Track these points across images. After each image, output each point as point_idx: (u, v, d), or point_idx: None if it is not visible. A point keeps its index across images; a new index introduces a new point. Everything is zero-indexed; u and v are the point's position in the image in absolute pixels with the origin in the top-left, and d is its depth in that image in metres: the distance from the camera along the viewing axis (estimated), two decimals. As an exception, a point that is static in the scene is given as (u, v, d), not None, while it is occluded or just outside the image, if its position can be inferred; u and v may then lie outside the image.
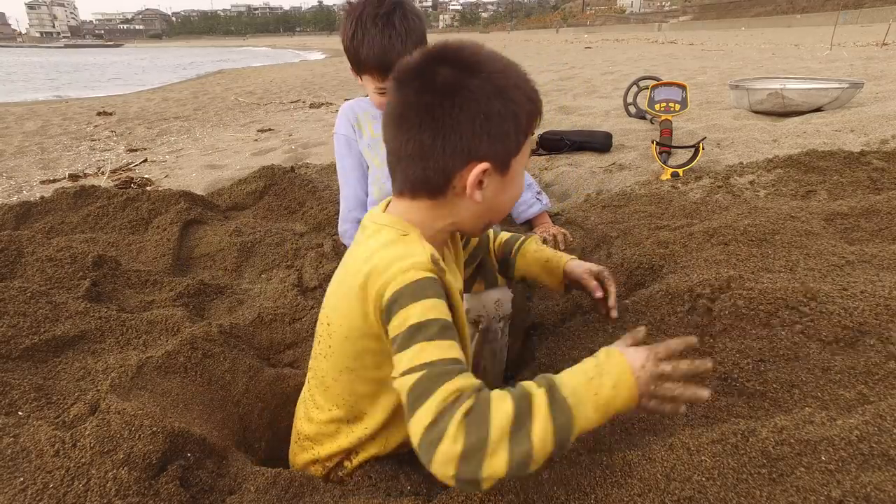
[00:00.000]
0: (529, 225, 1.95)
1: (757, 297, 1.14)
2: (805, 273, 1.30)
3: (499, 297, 1.39)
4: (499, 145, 0.87)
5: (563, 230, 1.82)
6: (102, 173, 4.36)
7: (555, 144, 3.23)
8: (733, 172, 2.25)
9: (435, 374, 0.75)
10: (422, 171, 0.88)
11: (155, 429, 0.99)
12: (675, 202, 1.99)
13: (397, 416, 1.00)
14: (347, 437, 1.05)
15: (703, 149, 2.57)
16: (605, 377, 0.78)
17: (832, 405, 0.93)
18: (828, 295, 1.12)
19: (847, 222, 1.60)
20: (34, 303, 1.42)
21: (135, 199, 2.34)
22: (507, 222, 1.98)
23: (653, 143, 2.72)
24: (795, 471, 0.76)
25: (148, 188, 3.20)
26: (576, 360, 1.19)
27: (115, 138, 6.29)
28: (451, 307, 0.86)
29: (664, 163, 2.62)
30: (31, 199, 2.39)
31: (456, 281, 1.01)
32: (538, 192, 1.94)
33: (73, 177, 4.28)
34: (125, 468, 0.91)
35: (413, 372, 0.76)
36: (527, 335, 1.56)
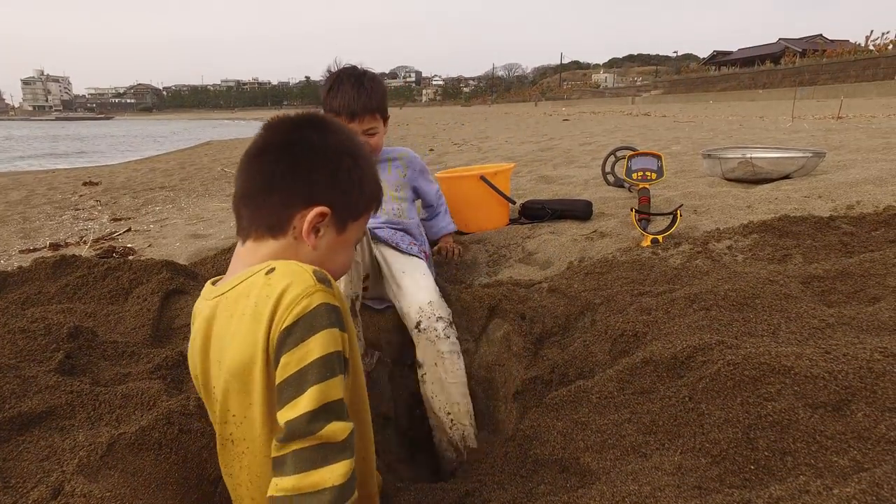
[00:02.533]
0: (436, 242, 2.53)
1: (741, 363, 1.14)
2: (787, 336, 1.31)
3: None
4: (340, 198, 0.92)
5: (458, 246, 2.56)
6: (84, 242, 4.32)
7: (536, 213, 3.30)
8: (711, 238, 2.31)
9: None
10: (267, 207, 0.90)
11: (122, 513, 0.93)
12: (657, 268, 2.02)
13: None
14: None
15: (680, 215, 2.65)
16: None
17: (827, 473, 0.91)
18: (811, 359, 1.13)
19: (824, 285, 1.64)
20: (0, 377, 1.36)
21: (116, 268, 2.31)
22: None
23: (632, 210, 2.79)
24: (794, 545, 0.74)
25: (130, 257, 3.17)
26: (561, 433, 1.18)
27: (99, 207, 6.29)
28: None
29: (644, 230, 2.68)
30: (9, 268, 2.35)
31: None
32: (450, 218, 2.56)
33: (54, 246, 4.24)
34: (87, 558, 0.85)
35: None
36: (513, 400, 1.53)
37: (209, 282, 0.96)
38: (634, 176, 3.24)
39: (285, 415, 0.78)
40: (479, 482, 1.26)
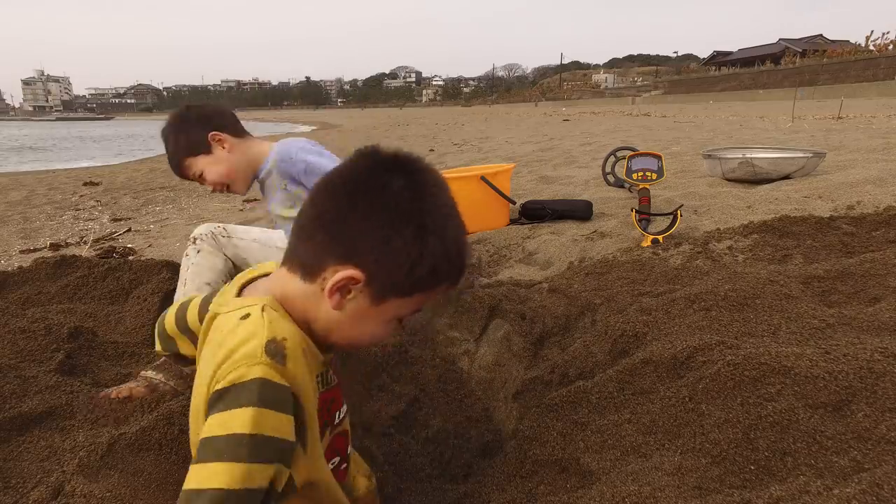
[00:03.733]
0: None
1: (741, 363, 1.14)
2: (788, 336, 1.31)
3: None
4: (385, 268, 0.77)
5: None
6: (85, 243, 4.32)
7: (537, 213, 3.30)
8: (711, 238, 2.31)
9: None
10: (309, 245, 0.80)
11: (122, 513, 0.93)
12: (657, 268, 2.02)
13: None
14: None
15: (681, 216, 2.65)
16: None
17: (827, 473, 0.91)
18: (811, 359, 1.13)
19: (824, 285, 1.64)
20: (1, 377, 1.37)
21: (116, 268, 2.32)
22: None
23: (632, 210, 2.79)
24: (794, 545, 0.74)
25: (130, 258, 3.17)
26: (560, 434, 1.17)
27: (99, 208, 6.29)
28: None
29: (644, 230, 2.68)
30: (9, 269, 2.35)
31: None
32: None
33: (55, 246, 4.24)
34: (87, 559, 0.85)
35: None
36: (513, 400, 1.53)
37: (236, 284, 0.87)
38: (635, 176, 3.24)
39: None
40: (478, 483, 1.26)
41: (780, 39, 46.69)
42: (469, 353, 1.65)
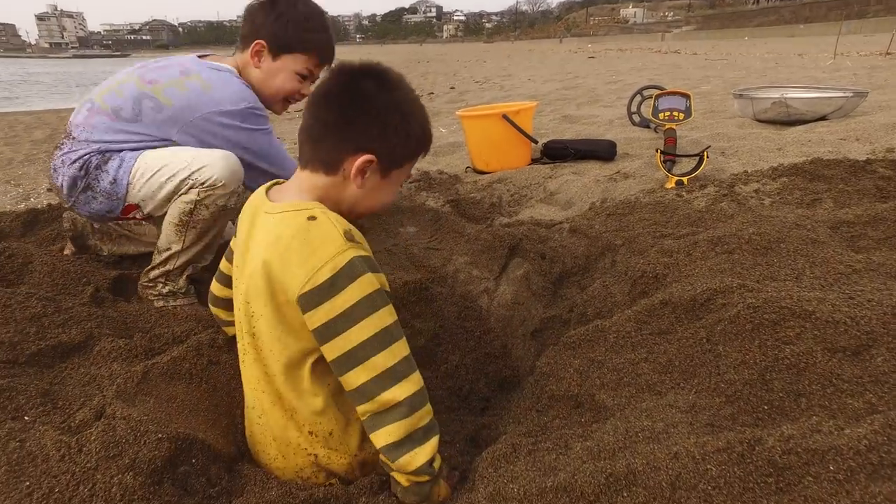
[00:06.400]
0: None
1: (762, 306, 1.14)
2: (811, 281, 1.29)
3: None
4: (386, 148, 1.03)
5: None
6: (109, 181, 4.38)
7: (559, 153, 3.23)
8: (738, 181, 2.25)
9: None
10: (323, 148, 1.04)
11: (160, 435, 0.99)
12: (680, 211, 1.99)
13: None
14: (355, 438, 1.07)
15: (707, 157, 2.58)
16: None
17: (840, 414, 0.92)
18: (834, 304, 1.12)
19: (853, 231, 1.60)
20: (41, 308, 1.43)
21: (141, 206, 2.35)
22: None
23: (657, 151, 2.72)
24: (803, 480, 0.76)
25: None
26: (577, 371, 1.20)
27: (121, 146, 6.33)
28: None
29: (668, 171, 2.62)
30: (38, 206, 2.40)
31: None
32: None
33: (80, 184, 4.31)
34: (130, 473, 0.91)
35: None
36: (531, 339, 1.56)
37: (263, 188, 1.10)
38: (661, 116, 3.14)
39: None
40: (495, 416, 1.31)
41: (826, -32, 43.47)
42: (489, 292, 1.68)
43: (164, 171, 1.57)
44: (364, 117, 1.01)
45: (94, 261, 1.85)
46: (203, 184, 1.55)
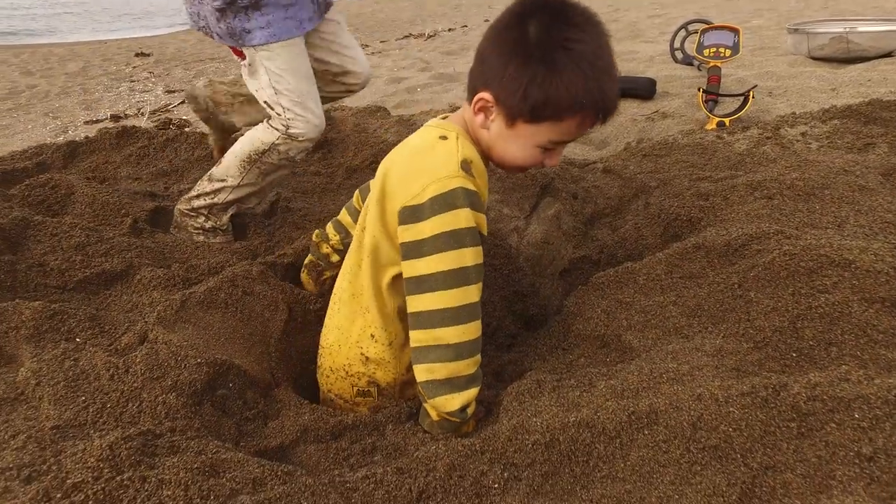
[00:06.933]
0: None
1: (799, 254, 1.11)
2: (854, 230, 1.25)
3: None
4: (504, 94, 0.95)
5: None
6: (142, 114, 4.43)
7: (595, 91, 3.12)
8: (784, 123, 2.15)
9: None
10: (471, 77, 1.01)
11: (199, 359, 1.05)
12: (720, 153, 1.91)
13: None
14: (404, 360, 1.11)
15: (753, 97, 2.45)
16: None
17: (871, 364, 0.91)
18: (877, 254, 1.08)
19: (906, 178, 1.52)
20: (85, 238, 1.49)
21: (174, 140, 2.38)
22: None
23: (699, 90, 2.60)
24: (826, 426, 0.76)
25: (186, 129, 3.24)
26: (604, 311, 1.20)
27: (153, 79, 6.34)
28: None
29: (710, 112, 2.51)
30: (77, 138, 2.45)
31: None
32: None
33: (115, 117, 4.37)
34: (173, 394, 0.97)
35: None
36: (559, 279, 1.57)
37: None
38: (706, 52, 2.96)
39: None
40: (521, 353, 1.33)
41: None
42: (518, 230, 1.67)
43: (278, 85, 1.56)
44: (497, 50, 0.96)
45: (131, 193, 1.89)
46: (289, 130, 1.57)
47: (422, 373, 0.98)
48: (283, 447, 0.98)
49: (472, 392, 0.98)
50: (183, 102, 4.87)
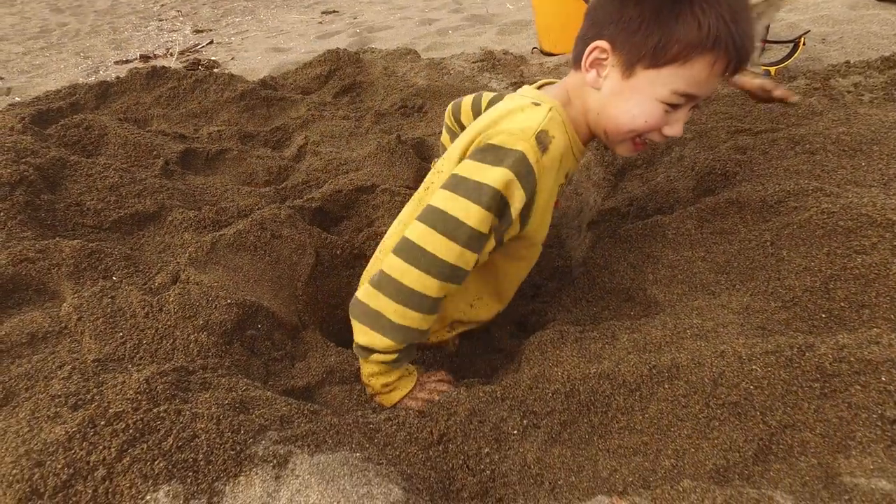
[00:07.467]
0: None
1: (838, 212, 1.06)
2: (901, 189, 1.19)
3: None
4: (623, 34, 0.85)
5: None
6: (171, 55, 4.41)
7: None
8: (836, 73, 2.02)
9: None
10: (579, 37, 0.93)
11: (229, 300, 1.08)
12: (761, 105, 1.82)
13: (488, 286, 1.08)
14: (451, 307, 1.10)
15: (804, 44, 2.30)
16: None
17: (904, 328, 0.89)
18: (923, 214, 1.03)
19: (966, 135, 1.43)
20: (118, 179, 1.52)
21: (203, 80, 2.38)
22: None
23: (746, 35, 2.44)
24: (850, 388, 0.75)
25: (215, 70, 3.22)
26: (631, 265, 1.19)
27: (181, 18, 6.27)
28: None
29: (756, 59, 2.37)
30: (108, 79, 2.47)
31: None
32: None
33: (144, 57, 4.36)
34: (205, 333, 1.01)
35: None
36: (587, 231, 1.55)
37: (535, 84, 1.06)
38: (757, -7, 2.78)
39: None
40: (545, 303, 1.34)
41: None
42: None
43: None
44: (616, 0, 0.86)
45: (161, 134, 1.91)
46: None
47: (364, 291, 0.91)
48: (309, 387, 1.02)
49: (385, 343, 0.89)
50: (211, 42, 4.83)
